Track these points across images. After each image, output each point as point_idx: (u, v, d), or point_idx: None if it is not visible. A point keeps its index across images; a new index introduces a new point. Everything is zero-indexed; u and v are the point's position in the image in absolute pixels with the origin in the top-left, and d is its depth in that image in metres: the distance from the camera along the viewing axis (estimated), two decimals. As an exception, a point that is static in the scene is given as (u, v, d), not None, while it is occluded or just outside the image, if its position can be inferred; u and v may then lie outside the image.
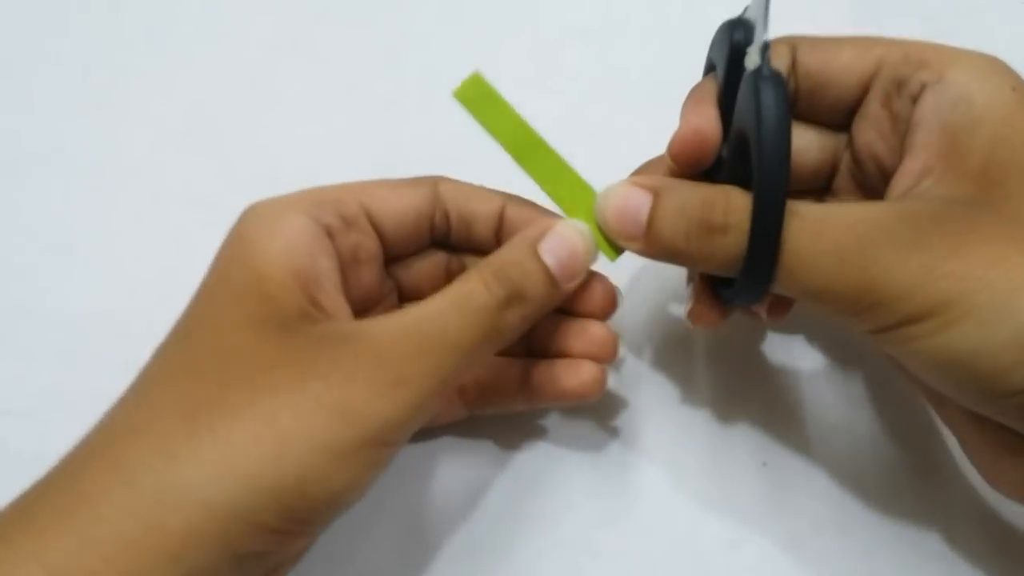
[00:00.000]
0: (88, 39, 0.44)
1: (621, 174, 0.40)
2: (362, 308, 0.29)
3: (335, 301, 0.26)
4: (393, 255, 0.30)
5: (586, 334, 0.30)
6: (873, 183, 0.28)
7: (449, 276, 0.31)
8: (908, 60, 0.26)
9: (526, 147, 0.28)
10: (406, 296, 0.31)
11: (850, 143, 0.29)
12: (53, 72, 0.43)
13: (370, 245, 0.28)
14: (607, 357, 0.30)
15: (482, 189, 0.30)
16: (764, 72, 0.23)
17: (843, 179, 0.29)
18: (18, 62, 0.43)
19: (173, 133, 0.41)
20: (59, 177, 0.40)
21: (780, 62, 0.27)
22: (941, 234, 0.22)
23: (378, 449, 0.23)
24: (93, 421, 0.24)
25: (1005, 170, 0.23)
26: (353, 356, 0.24)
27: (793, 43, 0.28)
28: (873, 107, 0.27)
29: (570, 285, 0.27)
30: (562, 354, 0.30)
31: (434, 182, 0.29)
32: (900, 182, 0.25)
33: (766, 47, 0.24)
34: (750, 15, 0.26)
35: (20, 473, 0.23)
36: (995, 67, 0.26)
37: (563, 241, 0.27)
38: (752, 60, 0.24)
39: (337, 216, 0.27)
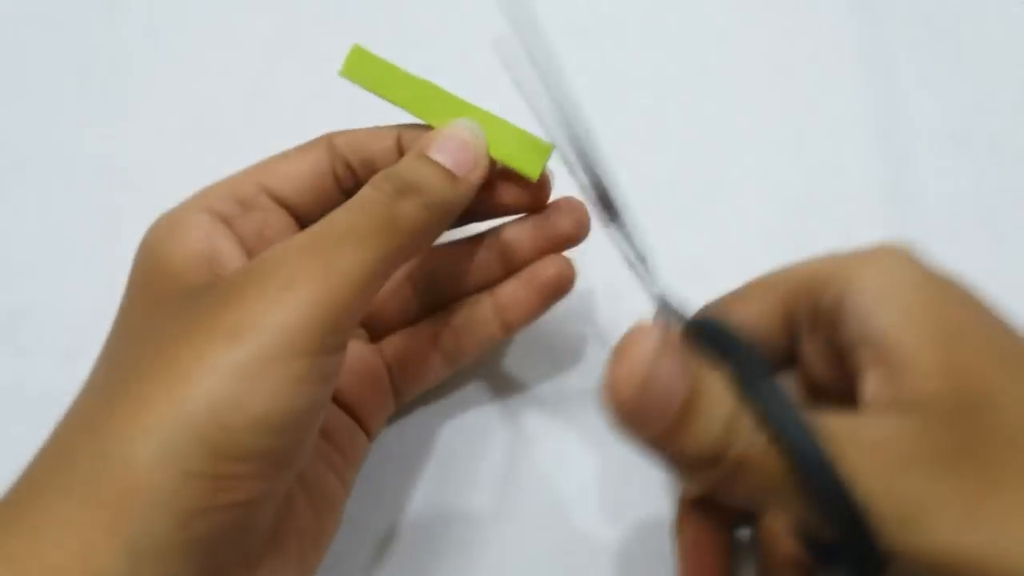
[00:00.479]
0: (88, 39, 0.44)
1: (619, 173, 0.40)
2: None
3: None
4: (311, 219, 0.28)
5: (543, 229, 0.31)
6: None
7: None
8: (812, 290, 0.25)
9: (429, 101, 0.29)
10: None
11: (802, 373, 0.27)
12: (53, 72, 0.43)
13: (275, 219, 0.29)
14: (577, 236, 0.31)
15: (374, 129, 0.30)
16: (701, 324, 0.24)
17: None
18: (17, 62, 0.43)
19: (173, 133, 0.41)
20: (59, 177, 0.40)
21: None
22: (957, 473, 0.20)
23: (286, 360, 0.22)
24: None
25: (963, 373, 0.22)
26: (243, 277, 0.24)
27: (703, 317, 0.27)
28: (805, 343, 0.26)
29: (472, 175, 0.27)
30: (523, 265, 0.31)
31: (327, 138, 0.30)
32: (872, 402, 0.23)
33: (673, 307, 0.25)
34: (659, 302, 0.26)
35: (19, 471, 0.23)
36: (900, 263, 0.24)
37: (448, 138, 0.27)
38: (676, 320, 0.25)
39: (233, 202, 0.28)
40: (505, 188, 0.30)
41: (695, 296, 0.37)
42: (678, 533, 0.29)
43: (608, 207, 0.26)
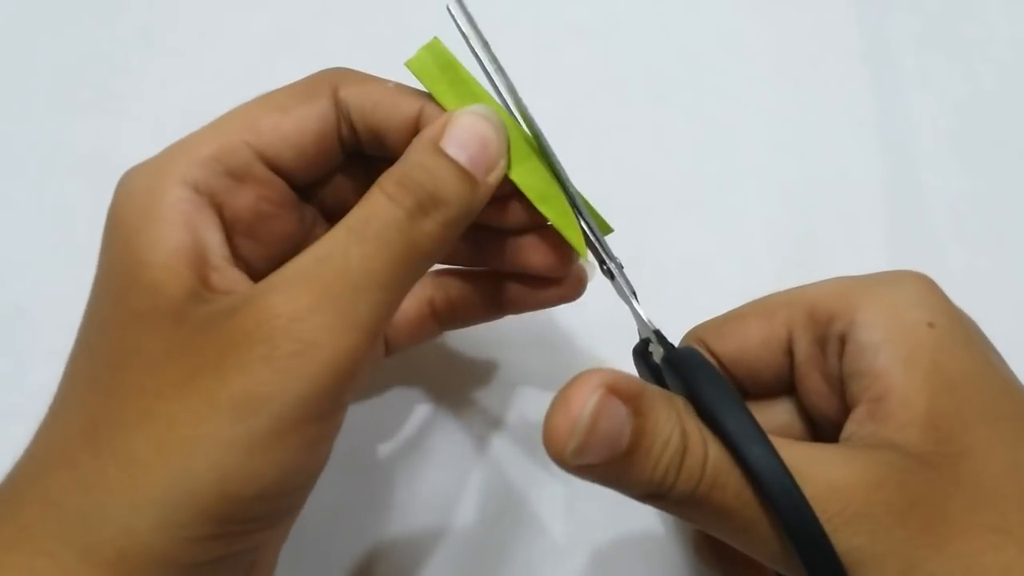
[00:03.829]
0: (87, 39, 0.43)
1: (620, 173, 0.40)
2: (286, 258, 0.24)
3: (228, 276, 0.23)
4: (305, 183, 0.26)
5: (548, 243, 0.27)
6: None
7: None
8: (815, 318, 0.25)
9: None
10: (335, 219, 0.25)
11: (798, 400, 0.27)
12: (52, 72, 0.42)
13: (272, 192, 0.25)
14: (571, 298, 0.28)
15: (392, 91, 0.25)
16: (674, 355, 0.23)
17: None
18: (17, 62, 0.43)
19: (172, 133, 0.41)
20: (58, 177, 0.40)
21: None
22: (914, 523, 0.20)
23: (300, 428, 0.20)
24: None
25: (949, 421, 0.22)
26: (242, 333, 0.20)
27: (699, 335, 0.27)
28: (803, 371, 0.26)
29: (491, 177, 0.24)
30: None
31: (332, 86, 0.25)
32: (852, 437, 0.23)
33: (658, 336, 0.24)
34: (644, 332, 0.25)
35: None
36: (908, 299, 0.24)
37: (467, 129, 0.23)
38: (656, 352, 0.24)
39: (223, 174, 0.24)
40: (536, 249, 0.27)
41: (696, 295, 0.37)
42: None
43: (596, 254, 0.26)
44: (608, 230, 0.27)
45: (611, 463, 0.20)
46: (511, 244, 0.27)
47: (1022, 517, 0.21)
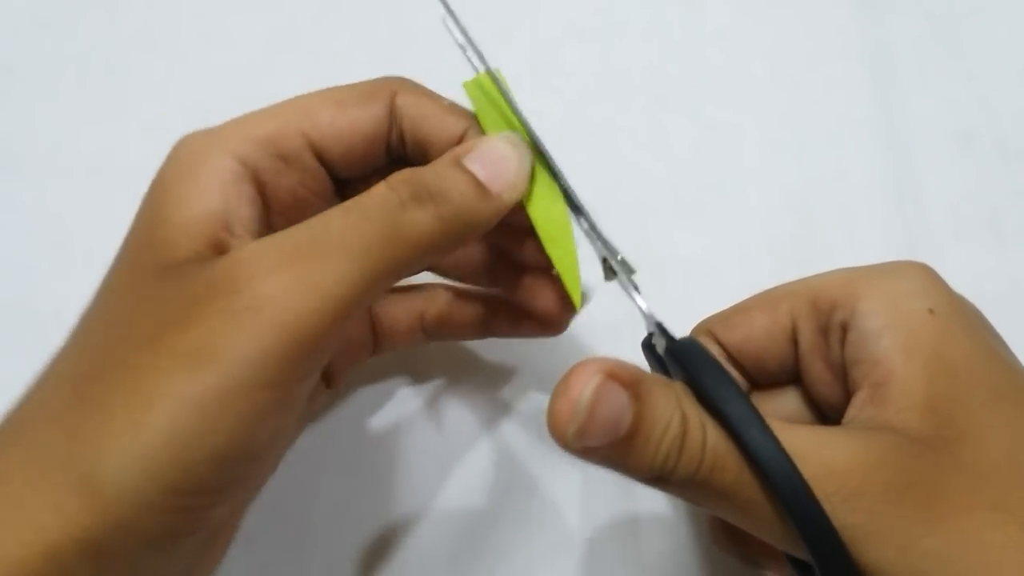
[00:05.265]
0: (86, 38, 0.43)
1: (621, 173, 0.40)
2: None
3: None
4: (345, 177, 0.27)
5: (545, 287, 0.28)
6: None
7: None
8: (818, 307, 0.25)
9: None
10: None
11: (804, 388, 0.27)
12: (52, 71, 0.42)
13: (314, 181, 0.26)
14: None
15: (444, 108, 0.26)
16: (675, 346, 0.23)
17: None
18: (16, 62, 0.43)
19: (172, 133, 0.41)
20: (58, 177, 0.40)
21: (711, 350, 0.25)
22: (912, 501, 0.21)
23: (250, 392, 0.20)
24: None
25: (949, 405, 0.22)
26: (207, 285, 0.20)
27: (708, 328, 0.28)
28: (808, 360, 0.26)
29: (507, 196, 0.24)
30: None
31: (391, 92, 0.26)
32: (853, 421, 0.24)
33: (660, 328, 0.24)
34: (649, 326, 0.25)
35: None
36: (909, 288, 0.24)
37: (487, 150, 0.24)
38: (659, 343, 0.24)
39: (274, 156, 0.24)
40: (544, 290, 0.28)
41: (696, 295, 0.37)
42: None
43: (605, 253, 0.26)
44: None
45: (613, 446, 0.21)
46: (525, 279, 0.29)
47: (1021, 496, 0.21)
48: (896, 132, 0.41)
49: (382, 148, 0.26)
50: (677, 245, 0.38)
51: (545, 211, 0.26)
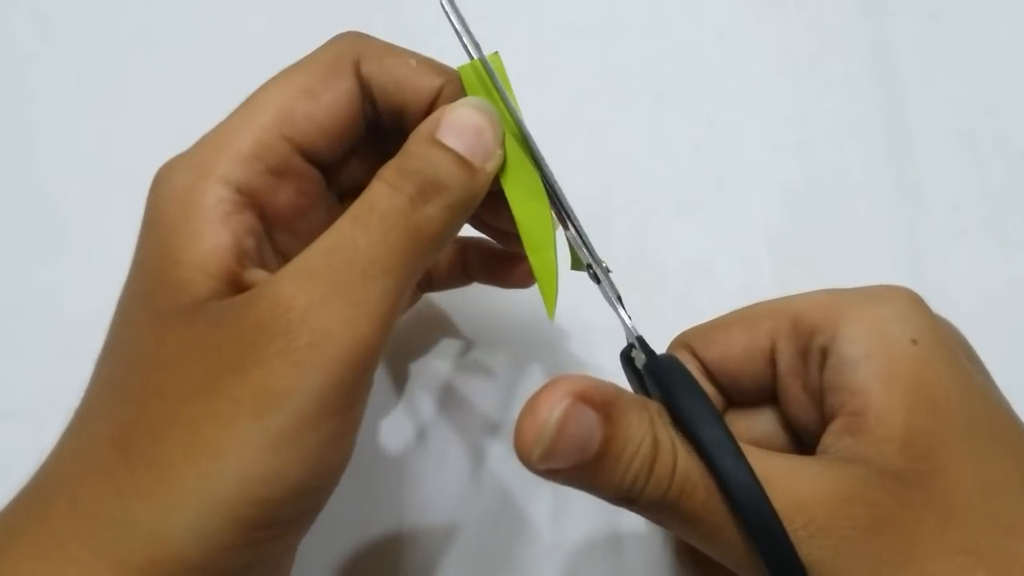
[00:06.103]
0: (86, 38, 0.43)
1: (621, 173, 0.40)
2: None
3: (259, 278, 0.23)
4: (336, 167, 0.26)
5: None
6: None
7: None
8: (799, 329, 0.25)
9: (508, 155, 0.25)
10: (349, 199, 0.25)
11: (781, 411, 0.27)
12: (51, 72, 0.42)
13: (309, 184, 0.25)
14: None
15: (414, 69, 0.25)
16: (654, 363, 0.23)
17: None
18: (16, 62, 0.43)
19: (173, 133, 0.41)
20: (58, 177, 0.40)
21: (688, 366, 0.25)
22: (880, 539, 0.20)
23: (319, 424, 0.20)
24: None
25: (926, 439, 0.21)
26: (258, 328, 0.20)
27: (686, 341, 0.27)
28: (785, 382, 0.25)
29: (489, 165, 0.24)
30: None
31: (354, 61, 0.25)
32: (828, 450, 0.23)
33: (640, 342, 0.24)
34: (629, 338, 0.25)
35: (16, 472, 0.22)
36: (892, 315, 0.23)
37: (461, 121, 0.24)
38: (639, 358, 0.24)
39: (264, 173, 0.24)
40: (518, 272, 0.31)
41: (696, 295, 0.37)
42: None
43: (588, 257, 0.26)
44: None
45: (580, 467, 0.21)
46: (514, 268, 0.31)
47: (993, 540, 0.20)
48: (897, 132, 0.41)
49: (360, 123, 0.26)
50: (676, 245, 0.38)
51: (529, 212, 0.26)
